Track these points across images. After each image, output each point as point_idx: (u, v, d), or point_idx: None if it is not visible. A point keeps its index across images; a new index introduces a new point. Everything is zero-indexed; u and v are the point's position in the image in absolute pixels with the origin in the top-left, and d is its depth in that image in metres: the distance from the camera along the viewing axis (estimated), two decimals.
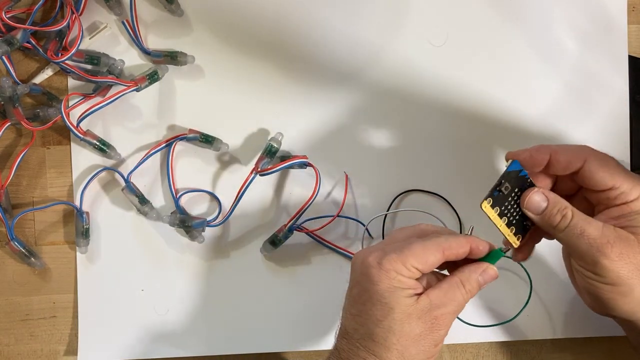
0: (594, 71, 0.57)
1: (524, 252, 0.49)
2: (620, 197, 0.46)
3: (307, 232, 0.56)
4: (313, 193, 0.55)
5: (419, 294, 0.44)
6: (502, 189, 0.46)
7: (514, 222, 0.47)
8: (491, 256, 0.46)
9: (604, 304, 0.46)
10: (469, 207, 0.57)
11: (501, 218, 0.46)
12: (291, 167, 0.56)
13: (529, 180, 0.47)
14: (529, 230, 0.48)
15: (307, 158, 0.56)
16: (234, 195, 0.55)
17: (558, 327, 0.57)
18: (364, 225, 0.57)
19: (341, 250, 0.57)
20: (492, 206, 0.46)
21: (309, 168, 0.56)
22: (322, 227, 0.56)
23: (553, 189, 0.49)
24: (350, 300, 0.46)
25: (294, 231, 0.56)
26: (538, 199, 0.46)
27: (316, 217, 0.56)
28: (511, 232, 0.47)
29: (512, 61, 0.57)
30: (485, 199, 0.45)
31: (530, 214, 0.47)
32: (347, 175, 0.57)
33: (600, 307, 0.47)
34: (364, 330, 0.44)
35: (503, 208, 0.46)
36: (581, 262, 0.45)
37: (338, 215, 0.56)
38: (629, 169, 0.57)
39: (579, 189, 0.49)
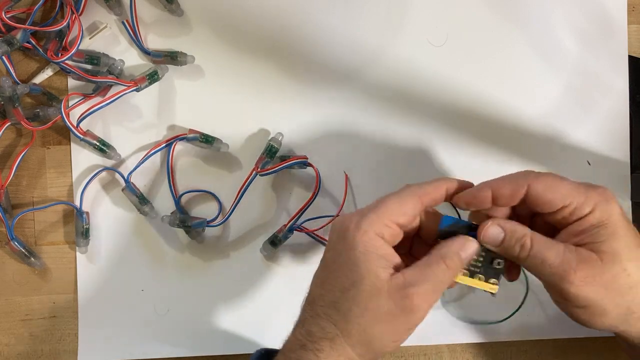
0: (594, 71, 0.57)
1: (512, 273, 0.47)
2: (575, 212, 0.43)
3: (307, 232, 0.56)
4: (313, 193, 0.55)
5: (395, 272, 0.41)
6: None
7: (484, 269, 0.45)
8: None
9: (584, 324, 0.44)
10: None
11: (474, 277, 0.45)
12: (291, 167, 0.56)
13: (468, 223, 0.45)
14: (503, 266, 0.45)
15: (307, 158, 0.56)
16: (234, 195, 0.55)
17: (558, 327, 0.57)
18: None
19: None
20: (463, 273, 0.45)
21: (309, 168, 0.56)
22: (322, 227, 0.56)
23: (512, 215, 0.46)
24: (322, 265, 0.44)
25: (294, 231, 0.56)
26: (494, 231, 0.44)
27: (316, 217, 0.56)
28: (488, 281, 0.45)
29: (512, 61, 0.57)
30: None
31: (490, 247, 0.44)
32: (347, 175, 0.57)
33: (582, 324, 0.45)
34: (329, 298, 0.42)
35: (469, 266, 0.45)
36: (549, 289, 0.44)
37: (338, 215, 0.56)
38: (629, 169, 0.57)
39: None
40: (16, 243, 0.56)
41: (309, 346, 0.42)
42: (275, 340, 0.57)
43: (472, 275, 0.45)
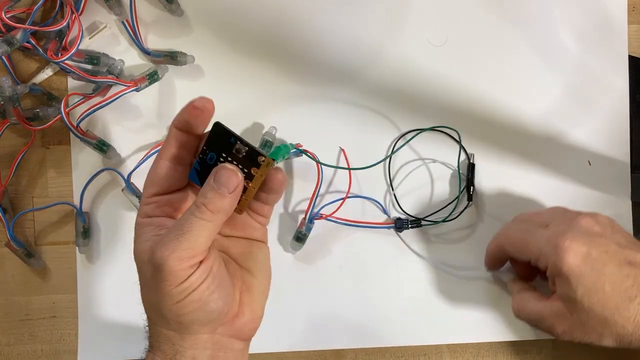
0: (594, 71, 0.57)
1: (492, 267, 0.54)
2: (539, 264, 0.48)
3: (328, 218, 0.56)
4: (318, 180, 0.55)
5: None
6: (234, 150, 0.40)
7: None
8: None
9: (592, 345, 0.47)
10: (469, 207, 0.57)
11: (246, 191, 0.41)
12: (287, 158, 0.56)
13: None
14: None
15: (301, 145, 0.55)
16: None
17: None
18: (375, 201, 0.57)
19: (372, 225, 0.57)
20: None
21: (305, 156, 0.56)
22: (337, 210, 0.56)
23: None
24: None
25: (314, 220, 0.56)
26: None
27: (332, 202, 0.56)
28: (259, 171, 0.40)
29: (512, 61, 0.57)
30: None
31: None
32: (343, 150, 0.57)
33: None
34: None
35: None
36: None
37: (349, 196, 0.56)
38: (629, 169, 0.57)
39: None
40: (16, 243, 0.56)
41: (149, 342, 0.43)
42: (274, 339, 0.58)
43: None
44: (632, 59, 0.57)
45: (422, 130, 0.57)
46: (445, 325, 0.57)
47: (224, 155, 0.40)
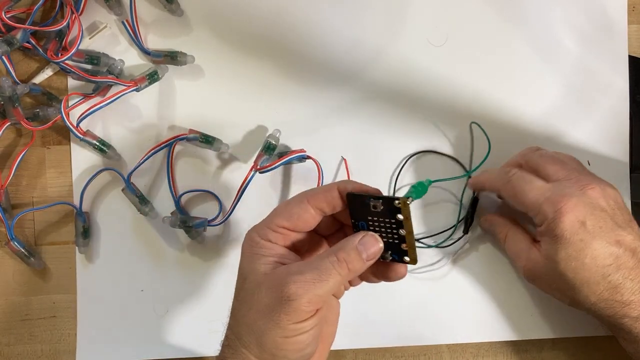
0: (594, 71, 0.57)
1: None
2: (534, 218, 0.49)
3: None
4: (318, 184, 0.55)
5: (281, 265, 0.41)
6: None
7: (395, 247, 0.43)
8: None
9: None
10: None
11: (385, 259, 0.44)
12: (290, 162, 0.56)
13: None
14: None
15: (305, 151, 0.56)
16: (234, 194, 0.55)
17: (558, 327, 0.57)
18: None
19: None
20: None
21: (308, 161, 0.56)
22: None
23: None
24: None
25: None
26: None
27: None
28: (402, 260, 0.43)
29: (512, 61, 0.57)
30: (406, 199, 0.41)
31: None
32: (345, 160, 0.57)
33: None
34: (231, 306, 0.43)
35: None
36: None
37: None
38: (628, 169, 0.57)
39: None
40: (16, 243, 0.56)
41: (219, 357, 0.43)
42: None
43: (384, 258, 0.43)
44: (632, 59, 0.57)
45: (435, 152, 0.57)
46: (445, 325, 0.57)
47: (369, 218, 0.42)
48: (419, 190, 0.43)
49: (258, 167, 0.55)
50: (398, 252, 0.43)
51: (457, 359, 0.58)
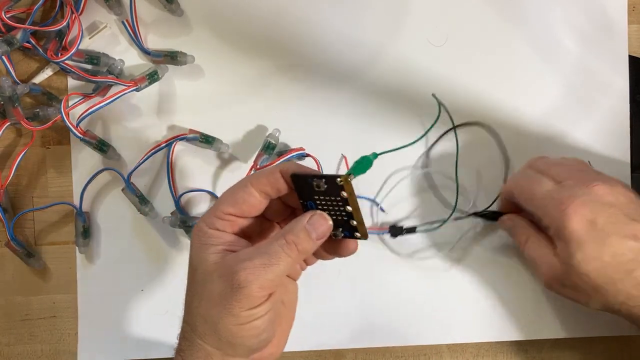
0: (594, 71, 0.57)
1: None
2: (542, 220, 0.48)
3: None
4: None
5: (231, 253, 0.40)
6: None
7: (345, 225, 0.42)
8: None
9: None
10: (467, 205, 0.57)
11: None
12: (369, 168, 0.55)
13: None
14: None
15: (304, 149, 0.56)
16: None
17: (558, 327, 0.57)
18: (372, 200, 0.57)
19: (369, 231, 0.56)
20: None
21: (308, 159, 0.56)
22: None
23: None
24: None
25: None
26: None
27: None
28: (354, 235, 0.42)
29: (512, 61, 0.57)
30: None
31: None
32: (345, 157, 0.57)
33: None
34: (184, 300, 0.42)
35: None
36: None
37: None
38: (629, 169, 0.57)
39: None
40: (16, 243, 0.56)
41: (177, 350, 0.43)
42: None
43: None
44: (632, 59, 0.57)
45: (452, 128, 0.57)
46: (445, 325, 0.57)
47: (315, 197, 0.41)
48: (362, 165, 0.43)
49: (258, 166, 0.55)
50: (349, 228, 0.42)
51: (457, 359, 0.58)
